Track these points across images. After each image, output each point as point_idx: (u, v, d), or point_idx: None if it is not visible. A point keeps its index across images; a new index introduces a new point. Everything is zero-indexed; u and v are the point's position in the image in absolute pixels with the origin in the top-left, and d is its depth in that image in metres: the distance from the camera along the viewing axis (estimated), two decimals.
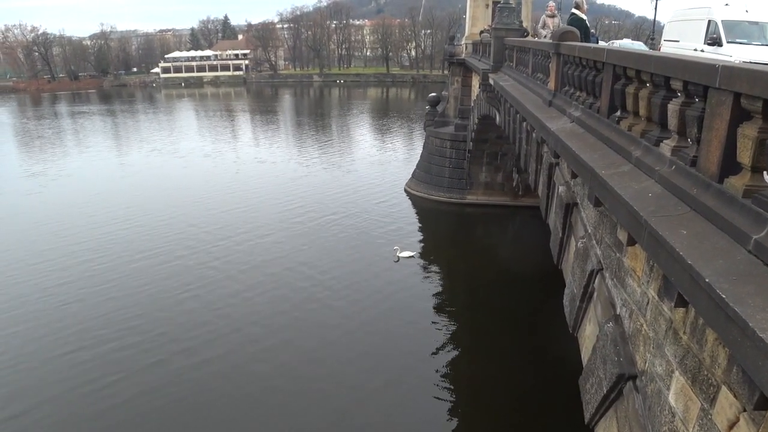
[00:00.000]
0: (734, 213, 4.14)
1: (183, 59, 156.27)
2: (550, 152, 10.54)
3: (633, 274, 6.12)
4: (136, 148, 57.33)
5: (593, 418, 6.98)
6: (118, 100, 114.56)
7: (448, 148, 36.23)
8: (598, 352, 6.80)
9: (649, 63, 6.14)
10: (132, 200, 36.08)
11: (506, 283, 23.67)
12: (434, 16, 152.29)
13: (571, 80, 10.70)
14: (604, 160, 6.97)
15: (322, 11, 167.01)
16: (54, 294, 22.56)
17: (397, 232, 30.14)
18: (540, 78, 14.57)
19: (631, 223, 5.31)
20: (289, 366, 17.84)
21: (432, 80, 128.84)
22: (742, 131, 4.10)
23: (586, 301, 8.08)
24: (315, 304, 21.98)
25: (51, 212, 34.06)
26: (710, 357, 4.18)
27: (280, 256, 26.64)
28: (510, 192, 34.09)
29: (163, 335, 19.54)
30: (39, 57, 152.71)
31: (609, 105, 7.97)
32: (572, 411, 9.33)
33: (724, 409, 3.89)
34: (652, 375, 5.34)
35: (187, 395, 16.36)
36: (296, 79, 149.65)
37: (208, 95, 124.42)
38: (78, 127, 74.52)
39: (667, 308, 5.06)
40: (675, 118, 5.41)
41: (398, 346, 19.17)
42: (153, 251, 27.22)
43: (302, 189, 38.84)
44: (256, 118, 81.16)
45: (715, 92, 4.43)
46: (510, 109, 17.52)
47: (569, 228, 9.60)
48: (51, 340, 19.10)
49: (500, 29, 22.67)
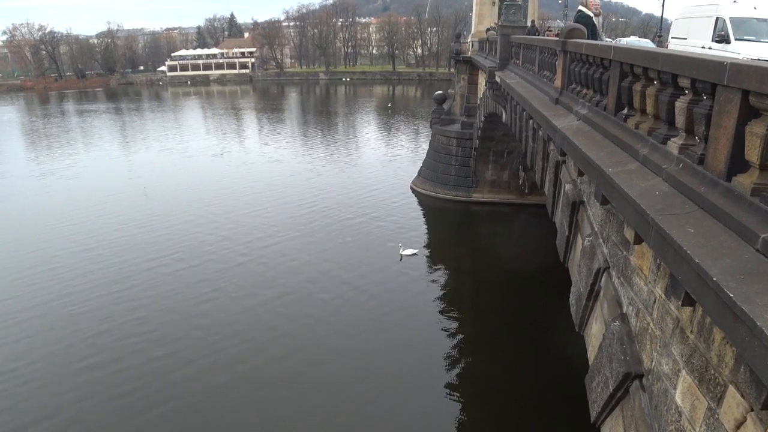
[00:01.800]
0: (742, 211, 4.11)
1: (189, 57, 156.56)
2: (556, 150, 10.51)
3: (640, 273, 6.09)
4: (144, 147, 57.28)
5: (599, 416, 6.96)
6: (125, 98, 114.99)
7: (454, 146, 36.21)
8: (604, 350, 6.79)
9: (656, 60, 6.09)
10: (143, 202, 35.94)
11: (512, 282, 23.64)
12: (440, 14, 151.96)
13: (577, 78, 10.67)
14: (611, 158, 6.95)
15: (328, 9, 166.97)
16: (66, 300, 22.30)
17: (402, 230, 30.14)
18: (546, 76, 14.53)
19: (638, 222, 5.29)
20: (292, 364, 17.92)
21: (438, 78, 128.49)
22: (750, 129, 4.07)
23: (592, 299, 8.06)
24: (318, 301, 22.10)
25: (64, 214, 33.51)
26: (717, 356, 4.16)
27: (283, 254, 26.71)
28: (516, 190, 34.03)
29: (176, 338, 19.66)
30: (46, 55, 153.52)
31: (616, 103, 7.95)
32: (578, 410, 9.31)
33: (731, 409, 3.87)
34: (659, 374, 5.32)
35: (194, 399, 16.39)
36: (302, 77, 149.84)
37: (214, 93, 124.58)
38: (86, 126, 74.79)
39: (674, 307, 5.04)
40: (682, 115, 5.38)
41: (403, 343, 19.21)
42: (163, 251, 27.46)
43: (308, 187, 38.90)
44: (263, 117, 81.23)
45: (724, 90, 4.40)
46: (516, 106, 17.48)
47: (576, 226, 9.57)
48: (63, 348, 18.99)
49: (507, 27, 22.64)
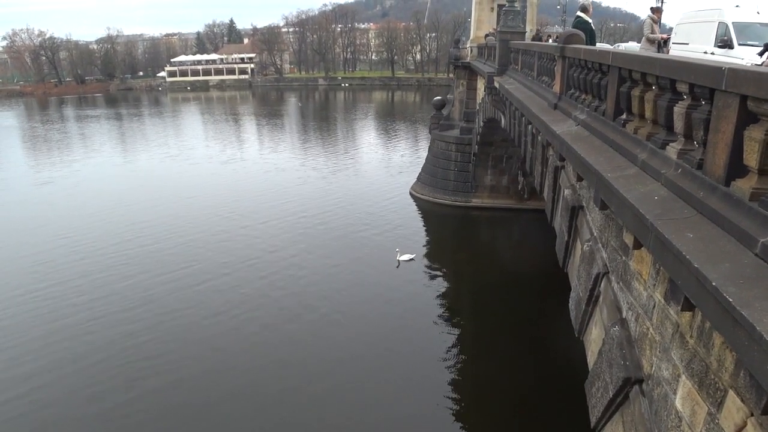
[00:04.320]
0: (741, 216, 4.11)
1: (189, 63, 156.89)
2: (555, 155, 10.53)
3: (639, 278, 6.09)
4: (144, 154, 56.79)
5: (599, 422, 6.94)
6: (124, 103, 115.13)
7: (453, 152, 36.25)
8: (604, 355, 6.78)
9: (654, 65, 6.11)
10: (144, 211, 35.42)
11: (511, 287, 23.63)
12: (439, 20, 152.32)
13: (576, 83, 10.69)
14: (609, 163, 6.96)
15: (327, 15, 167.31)
16: (75, 309, 22.12)
17: (401, 235, 30.14)
18: (545, 81, 14.57)
19: (637, 227, 5.29)
20: (292, 368, 17.88)
21: (437, 83, 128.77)
22: (748, 134, 4.07)
23: (591, 304, 8.05)
24: (315, 305, 22.14)
25: (68, 223, 32.98)
26: (717, 361, 4.15)
27: (282, 260, 26.72)
28: (515, 195, 34.06)
29: (181, 344, 19.72)
30: (46, 61, 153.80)
31: (615, 108, 7.96)
32: (577, 415, 9.29)
33: (732, 414, 3.86)
34: (659, 379, 5.31)
35: (199, 397, 16.49)
36: (301, 83, 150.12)
37: (213, 99, 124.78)
38: (86, 132, 74.71)
39: (674, 312, 5.04)
40: (681, 120, 5.39)
41: (403, 347, 19.19)
42: (169, 252, 27.65)
43: (308, 193, 38.92)
44: (262, 123, 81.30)
45: (722, 95, 4.41)
46: (515, 112, 17.52)
47: (575, 231, 9.57)
48: (72, 356, 18.91)
49: (505, 32, 22.72)
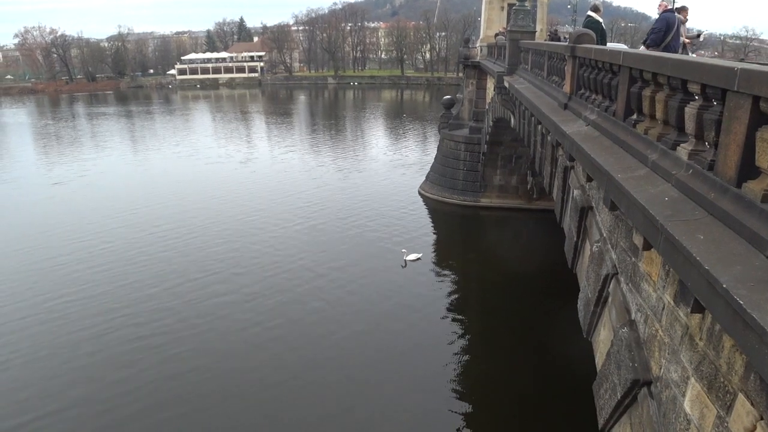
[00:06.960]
0: (752, 218, 4.08)
1: (199, 61, 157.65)
2: (565, 155, 10.48)
3: (648, 279, 6.06)
4: (157, 153, 56.89)
5: (607, 423, 6.92)
6: (135, 101, 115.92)
7: (462, 151, 36.20)
8: (612, 357, 6.75)
9: (665, 65, 6.06)
10: (159, 210, 35.32)
11: (518, 287, 23.57)
12: (449, 19, 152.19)
13: (586, 83, 10.64)
14: (619, 164, 6.92)
15: (337, 13, 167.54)
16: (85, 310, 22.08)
17: (409, 234, 30.14)
18: (555, 81, 14.51)
19: (647, 228, 5.26)
20: (298, 366, 17.98)
21: (446, 83, 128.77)
22: (761, 135, 4.04)
23: (600, 305, 8.02)
24: (323, 304, 22.22)
25: (84, 222, 32.92)
26: (727, 364, 4.13)
27: (291, 259, 26.79)
28: (524, 195, 33.94)
29: (192, 337, 19.89)
30: (57, 58, 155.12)
31: (625, 108, 7.91)
32: (585, 416, 9.26)
33: (741, 417, 3.83)
34: (668, 381, 5.28)
35: (200, 400, 16.50)
36: (311, 81, 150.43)
37: (223, 97, 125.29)
38: (98, 129, 75.16)
39: (683, 314, 5.01)
40: (692, 121, 5.35)
41: (408, 347, 19.19)
42: (174, 251, 27.90)
43: (317, 192, 38.99)
44: (272, 121, 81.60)
45: (734, 95, 4.37)
46: (525, 111, 17.46)
47: (584, 232, 9.53)
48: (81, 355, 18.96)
49: (515, 32, 22.64)
